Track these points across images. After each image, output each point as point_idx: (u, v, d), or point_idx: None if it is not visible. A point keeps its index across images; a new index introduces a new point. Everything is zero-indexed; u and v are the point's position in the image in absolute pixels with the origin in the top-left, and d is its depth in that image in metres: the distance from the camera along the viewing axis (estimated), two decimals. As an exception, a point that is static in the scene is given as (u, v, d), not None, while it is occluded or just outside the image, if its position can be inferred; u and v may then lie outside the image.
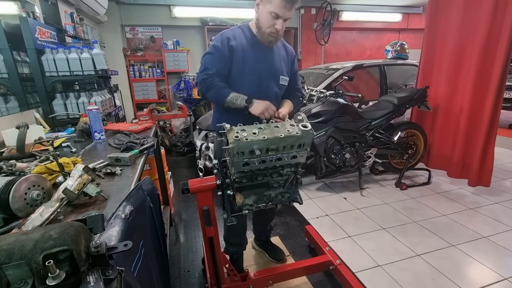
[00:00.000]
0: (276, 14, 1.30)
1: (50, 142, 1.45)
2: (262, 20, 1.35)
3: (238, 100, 1.34)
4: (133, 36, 5.24)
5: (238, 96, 1.35)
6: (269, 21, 1.32)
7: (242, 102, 1.33)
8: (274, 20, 1.32)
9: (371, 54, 7.04)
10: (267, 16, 1.32)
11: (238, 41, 1.40)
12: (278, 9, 1.28)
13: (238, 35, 1.42)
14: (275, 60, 1.47)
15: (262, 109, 1.30)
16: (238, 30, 1.45)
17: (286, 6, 1.28)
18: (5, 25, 1.98)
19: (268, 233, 1.99)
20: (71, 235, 0.50)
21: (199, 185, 1.14)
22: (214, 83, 1.36)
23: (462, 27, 2.77)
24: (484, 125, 2.68)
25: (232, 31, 1.43)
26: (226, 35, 1.40)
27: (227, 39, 1.38)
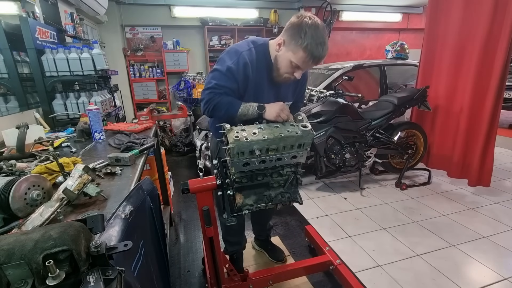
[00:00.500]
0: (297, 65, 1.19)
1: (50, 142, 1.45)
2: (281, 64, 1.24)
3: (249, 110, 1.25)
4: (133, 36, 5.24)
5: (249, 106, 1.25)
6: (288, 68, 1.22)
7: (254, 110, 1.23)
8: (294, 69, 1.22)
9: (371, 54, 7.04)
10: (287, 63, 1.21)
11: (255, 70, 1.26)
12: (300, 63, 1.18)
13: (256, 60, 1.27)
14: (282, 91, 1.38)
15: (277, 112, 1.19)
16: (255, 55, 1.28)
17: (309, 63, 1.18)
18: (5, 25, 1.98)
19: (268, 233, 1.99)
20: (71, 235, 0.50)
21: (199, 185, 1.14)
22: (221, 100, 1.24)
23: (462, 27, 2.76)
24: (484, 125, 2.68)
25: (251, 55, 1.26)
26: (244, 59, 1.23)
27: (244, 65, 1.23)
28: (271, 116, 1.21)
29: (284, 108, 1.20)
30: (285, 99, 1.37)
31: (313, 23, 1.12)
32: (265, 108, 1.23)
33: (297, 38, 1.13)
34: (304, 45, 1.12)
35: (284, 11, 5.73)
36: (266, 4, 5.54)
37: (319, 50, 1.13)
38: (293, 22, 1.16)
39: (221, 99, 1.24)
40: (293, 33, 1.14)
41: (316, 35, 1.11)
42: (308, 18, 1.13)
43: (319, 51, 1.13)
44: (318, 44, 1.12)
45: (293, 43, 1.15)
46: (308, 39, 1.11)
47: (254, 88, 1.29)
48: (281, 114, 1.19)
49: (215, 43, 5.46)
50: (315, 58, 1.15)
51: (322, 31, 1.13)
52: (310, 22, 1.12)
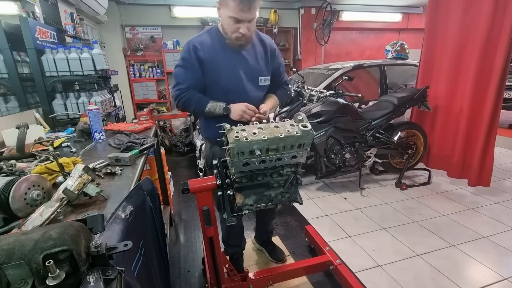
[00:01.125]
0: (235, 19, 1.21)
1: (50, 142, 1.45)
2: (225, 25, 1.27)
3: (216, 109, 1.31)
4: (133, 36, 5.25)
5: (216, 105, 1.31)
6: (231, 25, 1.24)
7: (220, 111, 1.30)
8: (237, 24, 1.23)
9: (371, 54, 7.04)
10: (228, 20, 1.24)
11: (206, 49, 1.31)
12: (236, 13, 1.20)
13: (206, 42, 1.32)
14: (250, 61, 1.37)
15: (240, 113, 1.26)
16: (206, 35, 1.35)
17: (243, 9, 1.18)
18: (5, 25, 1.98)
19: (270, 234, 1.99)
20: (71, 235, 0.50)
21: (199, 185, 1.14)
22: (189, 96, 1.31)
23: (462, 27, 2.76)
24: (484, 125, 2.68)
25: (200, 38, 1.34)
26: (193, 43, 1.31)
27: (193, 48, 1.30)
28: (235, 117, 1.28)
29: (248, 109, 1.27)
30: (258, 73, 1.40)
31: None
32: (230, 110, 1.30)
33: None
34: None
35: (284, 11, 5.73)
36: (266, 4, 5.54)
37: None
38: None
39: (189, 96, 1.31)
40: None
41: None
42: None
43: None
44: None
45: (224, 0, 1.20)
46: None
47: (212, 65, 1.31)
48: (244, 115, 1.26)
49: (215, 43, 5.46)
50: (243, 1, 1.17)
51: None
52: None
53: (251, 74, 1.38)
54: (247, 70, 1.37)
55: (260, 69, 1.41)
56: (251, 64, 1.37)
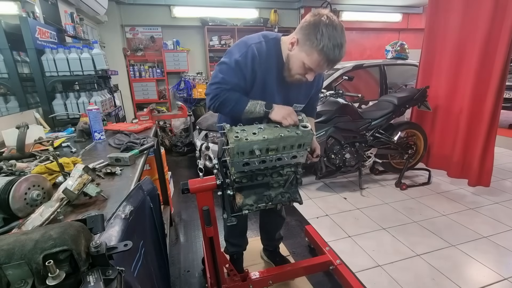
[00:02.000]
0: (310, 68, 1.11)
1: (50, 142, 1.45)
2: (293, 65, 1.15)
3: (256, 107, 1.18)
4: (133, 36, 5.24)
5: (256, 103, 1.19)
6: (301, 69, 1.13)
7: (262, 108, 1.17)
8: (307, 70, 1.13)
9: (371, 54, 7.04)
10: (300, 64, 1.12)
11: (263, 65, 1.18)
12: (314, 66, 1.09)
13: (263, 55, 1.18)
14: (293, 91, 1.29)
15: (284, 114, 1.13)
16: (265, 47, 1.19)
17: (324, 67, 1.09)
18: (5, 25, 1.98)
19: (277, 243, 1.91)
20: (71, 235, 0.50)
21: (199, 185, 1.14)
22: (229, 95, 1.18)
23: (462, 27, 2.76)
24: (484, 125, 2.68)
25: (261, 48, 1.18)
26: (253, 51, 1.16)
27: (252, 58, 1.15)
28: (277, 117, 1.15)
29: (292, 113, 1.14)
30: (294, 101, 1.31)
31: (330, 22, 1.03)
32: (273, 108, 1.17)
33: (312, 38, 1.04)
34: (320, 47, 1.03)
35: (284, 11, 5.73)
36: (266, 4, 5.54)
37: (335, 53, 1.04)
38: (309, 20, 1.06)
39: (228, 95, 1.18)
40: (308, 32, 1.05)
41: (333, 37, 1.02)
42: (325, 18, 1.03)
43: (335, 54, 1.05)
44: (335, 46, 1.03)
45: (307, 44, 1.06)
46: (324, 40, 1.02)
47: (261, 84, 1.22)
48: (288, 118, 1.12)
49: (215, 43, 5.47)
50: (331, 61, 1.07)
51: (340, 32, 1.04)
52: (328, 22, 1.03)
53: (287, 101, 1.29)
54: (285, 98, 1.29)
55: (298, 99, 1.34)
56: (292, 94, 1.30)
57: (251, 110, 1.19)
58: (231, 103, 1.19)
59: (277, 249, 1.92)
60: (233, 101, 1.19)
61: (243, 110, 1.19)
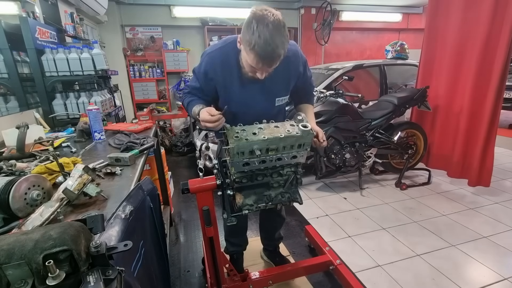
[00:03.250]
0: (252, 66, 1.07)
1: (50, 142, 1.45)
2: (243, 63, 1.13)
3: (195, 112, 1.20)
4: (133, 36, 5.24)
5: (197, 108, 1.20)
6: (249, 67, 1.10)
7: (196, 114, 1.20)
8: (253, 69, 1.09)
9: (371, 54, 7.04)
10: (246, 63, 1.09)
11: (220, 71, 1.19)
12: (254, 65, 1.05)
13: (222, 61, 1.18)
14: (268, 84, 1.24)
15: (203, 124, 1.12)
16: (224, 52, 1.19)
17: (261, 65, 1.04)
18: (5, 25, 1.98)
19: (277, 243, 1.91)
20: (71, 235, 0.50)
21: (199, 185, 1.14)
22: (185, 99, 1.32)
23: (462, 27, 2.76)
24: (484, 125, 2.68)
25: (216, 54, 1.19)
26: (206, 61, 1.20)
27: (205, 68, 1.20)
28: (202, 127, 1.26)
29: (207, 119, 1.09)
30: (274, 95, 1.30)
31: (261, 17, 0.97)
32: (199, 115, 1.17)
33: (246, 36, 1.00)
34: (252, 45, 0.98)
35: (284, 11, 5.73)
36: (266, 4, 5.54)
37: (267, 49, 0.97)
38: (246, 18, 1.02)
39: (185, 97, 1.33)
40: (244, 30, 1.02)
41: (263, 33, 0.96)
42: (259, 12, 0.98)
43: (267, 50, 0.97)
44: (266, 43, 0.96)
45: (244, 42, 1.02)
46: (255, 38, 0.97)
47: (223, 88, 1.24)
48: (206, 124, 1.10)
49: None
50: (265, 58, 1.00)
51: (271, 27, 0.96)
52: (259, 17, 0.97)
53: (267, 96, 1.28)
54: (262, 94, 1.27)
55: (278, 92, 1.30)
56: (268, 88, 1.26)
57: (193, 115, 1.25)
58: (185, 105, 1.33)
59: (277, 249, 1.92)
60: (186, 103, 1.32)
61: (190, 113, 1.28)
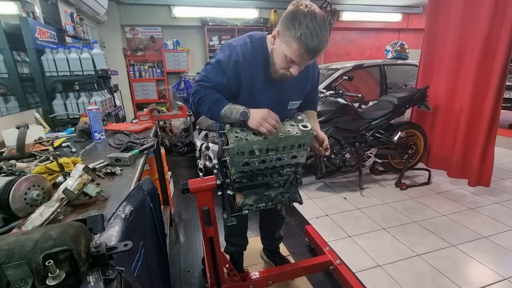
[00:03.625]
0: (291, 60, 1.05)
1: (50, 142, 1.45)
2: (276, 58, 1.10)
3: (233, 112, 1.10)
4: (133, 36, 5.24)
5: (233, 108, 1.11)
6: (283, 63, 1.08)
7: (237, 115, 1.09)
8: (290, 64, 1.08)
9: (371, 54, 7.04)
10: (282, 57, 1.07)
11: (249, 66, 1.15)
12: (295, 57, 1.03)
13: (248, 57, 1.15)
14: (285, 89, 1.24)
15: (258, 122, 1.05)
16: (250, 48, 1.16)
17: (305, 57, 1.03)
18: (5, 25, 1.98)
19: (277, 243, 1.91)
20: (71, 235, 0.50)
21: (199, 185, 1.14)
22: (207, 93, 1.14)
23: (462, 27, 2.76)
24: (484, 125, 2.68)
25: (245, 49, 1.15)
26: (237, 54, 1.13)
27: (235, 60, 1.13)
28: (252, 125, 1.07)
29: (268, 118, 1.04)
30: (289, 99, 1.28)
31: (309, 11, 0.98)
32: (249, 115, 1.08)
33: (290, 28, 0.99)
34: (298, 36, 0.98)
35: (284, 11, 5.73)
36: (266, 4, 5.54)
37: (314, 41, 0.98)
38: (288, 10, 1.02)
39: (207, 93, 1.15)
40: (287, 22, 1.01)
41: (312, 25, 0.97)
42: (304, 6, 0.99)
43: (314, 42, 0.98)
44: (314, 34, 0.97)
45: (286, 34, 1.01)
46: (303, 29, 0.97)
47: (248, 85, 1.18)
48: (263, 124, 1.03)
49: (215, 43, 5.46)
50: (310, 50, 1.00)
51: (320, 20, 0.98)
52: (306, 10, 0.98)
53: (281, 100, 1.26)
54: (278, 97, 1.25)
55: (292, 96, 1.29)
56: (285, 92, 1.25)
57: (227, 115, 1.12)
58: (208, 102, 1.15)
59: (277, 249, 1.92)
60: (210, 100, 1.14)
61: (219, 113, 1.13)
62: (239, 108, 1.10)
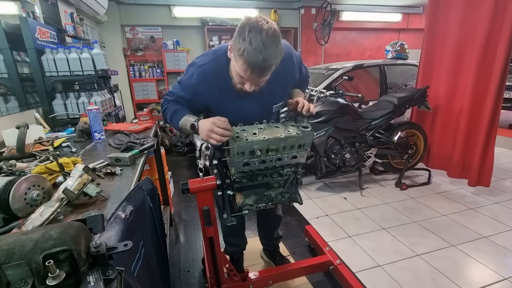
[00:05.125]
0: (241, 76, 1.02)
1: (50, 142, 1.45)
2: (233, 72, 1.08)
3: (187, 124, 1.10)
4: (133, 36, 5.24)
5: (187, 120, 1.11)
6: (237, 78, 1.06)
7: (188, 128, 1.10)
8: (242, 80, 1.04)
9: (371, 54, 7.04)
10: (235, 72, 1.05)
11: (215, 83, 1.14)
12: (242, 73, 1.00)
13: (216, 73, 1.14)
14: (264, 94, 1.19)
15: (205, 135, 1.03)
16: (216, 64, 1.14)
17: (249, 74, 0.98)
18: (5, 25, 1.98)
19: (276, 243, 1.91)
20: (71, 235, 0.50)
21: (199, 185, 1.14)
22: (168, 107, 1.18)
23: (462, 27, 2.76)
24: (484, 125, 2.68)
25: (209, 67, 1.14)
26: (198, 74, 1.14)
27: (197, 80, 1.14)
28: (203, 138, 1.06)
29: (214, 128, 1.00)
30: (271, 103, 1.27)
31: (256, 25, 0.93)
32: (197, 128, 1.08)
33: (236, 43, 0.96)
34: (241, 52, 0.94)
35: (284, 11, 5.73)
36: (266, 4, 5.54)
37: (258, 58, 0.93)
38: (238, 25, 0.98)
39: (169, 106, 1.20)
40: (235, 36, 0.98)
41: (255, 40, 0.92)
42: (254, 19, 0.95)
43: (258, 59, 0.93)
44: (258, 51, 0.92)
45: (234, 49, 0.98)
46: (246, 44, 0.92)
47: (219, 99, 1.17)
48: (211, 135, 1.01)
49: (215, 43, 5.46)
50: (254, 67, 0.95)
51: (265, 36, 0.92)
52: (253, 25, 0.93)
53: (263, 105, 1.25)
54: (258, 104, 1.23)
55: (274, 100, 1.27)
56: (264, 98, 1.22)
57: (183, 127, 1.14)
58: (169, 114, 1.18)
59: (277, 249, 1.92)
60: (171, 112, 1.18)
61: (177, 124, 1.15)
62: (191, 120, 1.11)
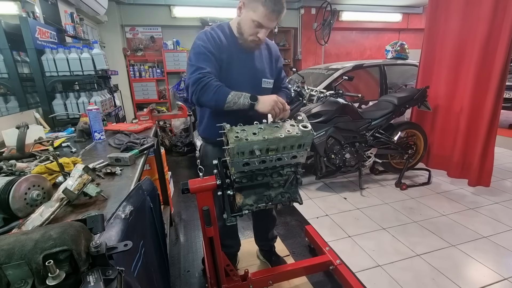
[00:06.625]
0: (259, 23, 1.22)
1: (50, 142, 1.45)
2: (244, 26, 1.26)
3: (240, 98, 1.18)
4: (133, 36, 5.25)
5: (240, 94, 1.19)
6: (251, 29, 1.24)
7: (246, 100, 1.17)
8: (257, 29, 1.24)
9: (371, 54, 7.04)
10: (250, 23, 1.23)
11: (224, 42, 1.28)
12: (262, 19, 1.20)
13: (222, 35, 1.30)
14: (256, 62, 1.37)
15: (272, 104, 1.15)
16: (219, 30, 1.31)
17: (271, 18, 1.21)
18: (5, 25, 1.98)
19: (271, 243, 1.92)
20: (71, 235, 0.50)
21: (199, 185, 1.14)
22: (210, 83, 1.19)
23: (462, 27, 2.76)
24: (484, 125, 2.68)
25: (215, 31, 1.29)
26: (211, 34, 1.27)
27: (212, 38, 1.25)
28: (265, 108, 1.16)
29: (278, 101, 1.17)
30: (261, 75, 1.39)
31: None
32: (258, 99, 1.18)
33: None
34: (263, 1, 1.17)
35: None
36: (266, 4, 5.54)
37: (277, 3, 1.18)
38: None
39: (210, 80, 1.19)
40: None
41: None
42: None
43: (277, 4, 1.18)
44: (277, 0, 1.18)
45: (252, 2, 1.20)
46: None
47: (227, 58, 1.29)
48: (275, 107, 1.16)
49: (215, 43, 5.46)
50: (275, 11, 1.19)
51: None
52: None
53: (255, 75, 1.37)
54: (252, 71, 1.36)
55: (264, 71, 1.40)
56: (256, 65, 1.36)
57: (234, 101, 1.18)
58: (213, 89, 1.18)
59: (272, 249, 1.93)
60: (215, 87, 1.18)
61: (225, 100, 1.18)
62: (246, 94, 1.20)
